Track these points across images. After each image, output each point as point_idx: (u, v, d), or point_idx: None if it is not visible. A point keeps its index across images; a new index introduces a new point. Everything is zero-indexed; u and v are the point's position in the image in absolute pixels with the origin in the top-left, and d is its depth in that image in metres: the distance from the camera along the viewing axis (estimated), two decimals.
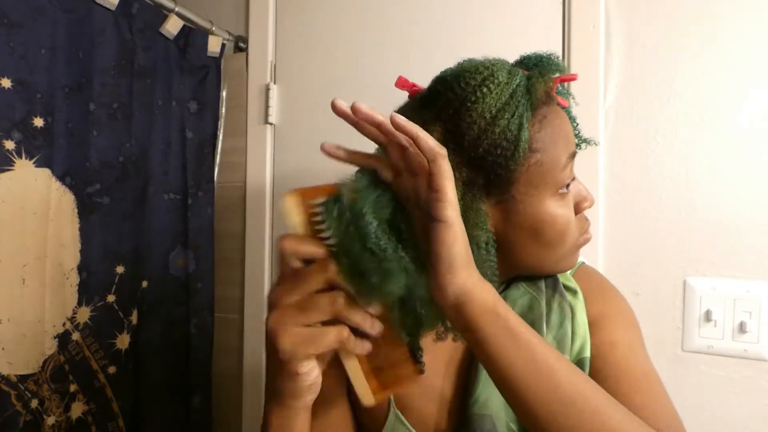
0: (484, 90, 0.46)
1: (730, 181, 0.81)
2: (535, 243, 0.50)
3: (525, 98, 0.47)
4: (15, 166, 0.78)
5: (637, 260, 0.87)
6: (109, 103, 0.92)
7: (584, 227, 0.55)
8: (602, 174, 0.89)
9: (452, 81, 0.48)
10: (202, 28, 1.10)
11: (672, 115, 0.85)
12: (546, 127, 0.48)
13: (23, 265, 0.79)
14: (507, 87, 0.47)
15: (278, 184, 1.14)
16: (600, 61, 0.89)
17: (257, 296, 1.13)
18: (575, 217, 0.53)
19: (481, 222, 0.48)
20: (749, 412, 0.79)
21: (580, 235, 0.54)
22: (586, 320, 0.55)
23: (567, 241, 0.52)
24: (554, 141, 0.49)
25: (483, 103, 0.46)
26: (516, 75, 0.48)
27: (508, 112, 0.46)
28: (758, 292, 0.79)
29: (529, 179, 0.48)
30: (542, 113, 0.49)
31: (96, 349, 0.90)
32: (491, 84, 0.46)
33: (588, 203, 0.54)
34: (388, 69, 1.04)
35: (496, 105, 0.46)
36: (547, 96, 0.50)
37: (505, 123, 0.46)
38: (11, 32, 0.77)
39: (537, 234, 0.50)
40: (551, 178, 0.49)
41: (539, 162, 0.48)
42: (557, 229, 0.50)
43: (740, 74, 0.81)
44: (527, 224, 0.49)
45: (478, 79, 0.47)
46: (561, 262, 0.54)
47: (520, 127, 0.46)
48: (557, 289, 0.56)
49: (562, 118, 0.51)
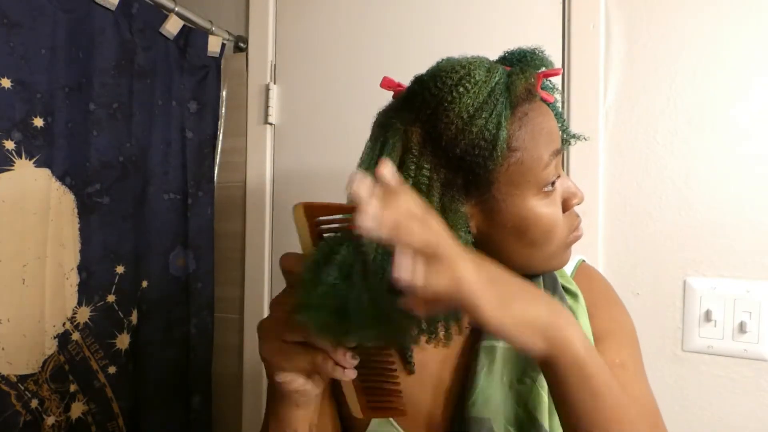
0: (461, 89, 0.45)
1: (730, 181, 0.81)
2: (520, 242, 0.49)
3: (504, 96, 0.46)
4: (15, 166, 0.78)
5: (637, 260, 0.87)
6: (109, 103, 0.92)
7: (574, 224, 0.53)
8: (602, 174, 0.89)
9: (429, 81, 0.48)
10: (202, 28, 1.10)
11: (672, 115, 0.85)
12: (527, 125, 0.47)
13: (23, 265, 0.79)
14: (485, 85, 0.46)
15: (278, 184, 1.15)
16: (600, 61, 0.89)
17: (257, 296, 1.13)
18: (564, 215, 0.52)
19: (460, 223, 0.47)
20: (749, 412, 0.79)
21: (570, 233, 0.53)
22: (588, 326, 0.54)
23: (554, 240, 0.50)
24: (535, 139, 0.47)
25: (460, 102, 0.45)
26: (495, 72, 0.47)
27: (486, 111, 0.45)
28: (758, 292, 0.79)
29: (510, 178, 0.47)
30: (523, 111, 0.48)
31: (96, 349, 0.90)
32: (468, 83, 0.46)
33: (577, 200, 0.53)
34: (387, 69, 1.03)
35: (473, 104, 0.45)
36: (529, 93, 0.48)
37: (482, 122, 0.45)
38: (11, 32, 0.77)
39: (521, 233, 0.49)
40: (533, 177, 0.48)
41: (520, 161, 0.47)
42: (542, 228, 0.49)
43: (740, 74, 0.81)
44: (510, 224, 0.48)
45: (455, 78, 0.46)
46: (550, 261, 0.52)
47: (498, 126, 0.45)
48: (556, 291, 0.55)
49: (544, 114, 0.49)
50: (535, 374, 0.50)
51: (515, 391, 0.51)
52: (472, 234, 0.49)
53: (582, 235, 0.55)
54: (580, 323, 0.53)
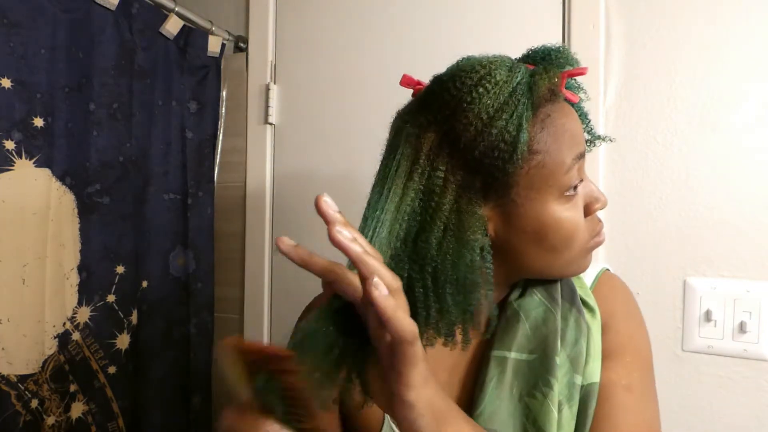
0: (481, 90, 0.44)
1: (730, 181, 0.81)
2: (539, 247, 0.48)
3: (526, 97, 0.44)
4: (15, 166, 0.78)
5: (637, 260, 0.87)
6: (109, 103, 0.92)
7: (596, 229, 0.52)
8: (602, 174, 0.89)
9: (448, 81, 0.46)
10: (202, 28, 1.10)
11: (672, 115, 0.85)
12: (549, 127, 0.46)
13: (23, 265, 0.79)
14: (506, 86, 0.44)
15: (278, 184, 1.15)
16: (600, 61, 0.89)
17: (257, 296, 1.13)
18: (586, 219, 0.50)
19: (477, 226, 0.46)
20: (749, 412, 0.79)
21: (591, 238, 0.51)
22: (599, 343, 0.52)
23: (574, 246, 0.49)
24: (558, 141, 0.46)
25: (480, 103, 0.44)
26: (517, 72, 0.45)
27: (507, 112, 0.44)
28: (758, 292, 0.79)
29: (531, 182, 0.46)
30: (545, 112, 0.46)
31: (96, 349, 0.90)
32: (488, 83, 0.44)
33: (600, 204, 0.51)
34: (388, 69, 1.03)
35: (493, 105, 0.44)
36: (552, 93, 0.46)
37: (502, 124, 0.43)
38: (11, 32, 0.77)
39: (540, 238, 0.47)
40: (555, 181, 0.46)
41: (541, 164, 0.45)
42: (562, 233, 0.48)
43: (740, 74, 0.81)
44: (530, 228, 0.47)
45: (475, 78, 0.45)
46: (570, 266, 0.51)
47: (519, 128, 0.43)
48: (574, 303, 0.53)
49: (568, 116, 0.48)
50: (546, 389, 0.48)
51: (525, 404, 0.49)
52: (490, 237, 0.48)
53: (604, 240, 0.53)
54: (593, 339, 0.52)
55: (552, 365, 0.49)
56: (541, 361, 0.49)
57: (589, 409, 0.49)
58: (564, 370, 0.49)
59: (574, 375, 0.49)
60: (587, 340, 0.51)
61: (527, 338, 0.51)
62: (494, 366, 0.50)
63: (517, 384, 0.50)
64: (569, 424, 0.48)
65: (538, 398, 0.48)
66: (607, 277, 0.59)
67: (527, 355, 0.50)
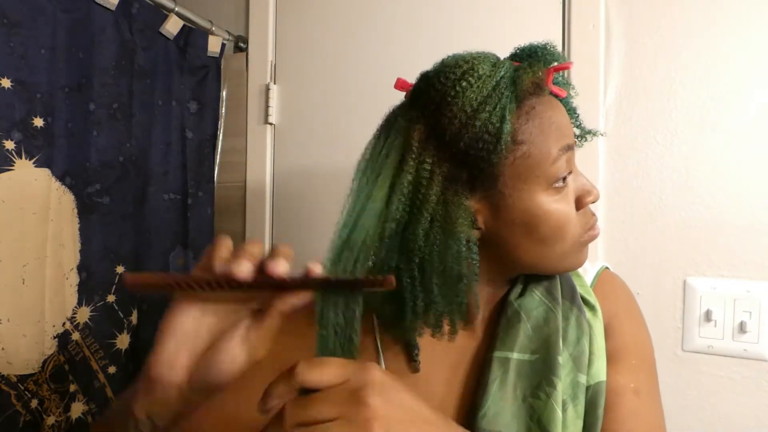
0: (464, 84, 0.45)
1: (730, 181, 0.81)
2: (529, 239, 0.48)
3: (509, 90, 0.46)
4: (15, 166, 0.78)
5: (637, 260, 0.87)
6: (109, 103, 0.92)
7: (589, 222, 0.52)
8: (602, 174, 0.89)
9: (433, 77, 0.48)
10: (202, 28, 1.10)
11: (672, 115, 0.85)
12: (534, 119, 0.46)
13: (23, 265, 0.79)
14: (489, 80, 0.45)
15: (278, 184, 1.15)
16: (600, 61, 0.89)
17: None
18: (578, 212, 0.50)
19: (463, 217, 0.46)
20: (749, 412, 0.79)
21: (585, 232, 0.51)
22: (602, 344, 0.52)
23: (566, 238, 0.49)
24: (544, 133, 0.47)
25: (463, 97, 0.45)
26: (501, 67, 0.47)
27: (490, 104, 0.45)
28: (758, 292, 0.79)
29: (517, 172, 0.47)
30: (530, 104, 0.47)
31: (96, 349, 0.90)
32: (471, 77, 0.45)
33: (592, 197, 0.51)
34: (388, 68, 1.03)
35: (477, 98, 0.45)
36: (537, 87, 0.47)
37: (486, 116, 0.45)
38: (11, 32, 0.77)
39: (530, 230, 0.48)
40: (541, 172, 0.47)
41: (526, 154, 0.46)
42: (551, 224, 0.48)
43: (740, 74, 0.81)
44: (519, 220, 0.48)
45: (458, 73, 0.46)
46: (564, 260, 0.51)
47: (502, 119, 0.44)
48: (575, 302, 0.53)
49: (555, 109, 0.48)
50: (550, 389, 0.48)
51: (528, 405, 0.49)
52: (480, 230, 0.49)
53: (598, 234, 0.53)
54: (596, 338, 0.52)
55: (555, 365, 0.49)
56: (543, 361, 0.49)
57: (598, 409, 0.49)
58: (567, 370, 0.49)
59: (577, 374, 0.49)
60: (589, 338, 0.51)
61: (529, 338, 0.51)
62: (497, 367, 0.50)
63: (521, 385, 0.50)
64: (574, 424, 0.48)
65: (542, 398, 0.48)
66: (607, 275, 0.59)
67: (529, 355, 0.50)
